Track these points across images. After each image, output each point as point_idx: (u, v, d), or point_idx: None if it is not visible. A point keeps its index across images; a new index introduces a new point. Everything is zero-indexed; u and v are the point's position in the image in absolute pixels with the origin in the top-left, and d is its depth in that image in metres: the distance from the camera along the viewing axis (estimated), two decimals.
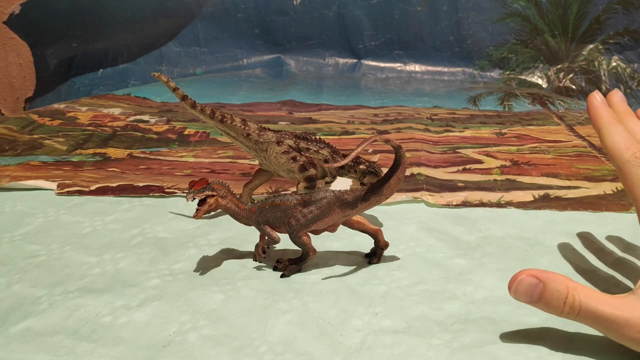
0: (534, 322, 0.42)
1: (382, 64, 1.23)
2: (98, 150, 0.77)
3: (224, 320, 0.42)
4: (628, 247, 0.53)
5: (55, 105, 0.99)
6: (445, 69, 1.21)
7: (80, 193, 0.64)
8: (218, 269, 0.49)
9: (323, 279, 0.47)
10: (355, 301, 0.44)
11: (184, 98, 0.52)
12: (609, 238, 0.54)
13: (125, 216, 0.58)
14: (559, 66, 1.18)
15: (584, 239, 0.54)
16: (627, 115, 0.45)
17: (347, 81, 1.16)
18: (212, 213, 0.57)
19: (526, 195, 0.63)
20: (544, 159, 0.74)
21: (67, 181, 0.66)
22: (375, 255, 0.50)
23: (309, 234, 0.48)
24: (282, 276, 0.48)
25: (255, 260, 0.50)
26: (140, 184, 0.66)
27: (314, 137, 0.56)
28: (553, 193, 0.64)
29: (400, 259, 0.50)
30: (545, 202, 0.61)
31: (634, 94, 1.12)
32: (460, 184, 0.66)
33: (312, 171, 0.55)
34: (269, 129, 0.55)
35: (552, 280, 0.38)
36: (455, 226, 0.56)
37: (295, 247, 0.48)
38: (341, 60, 1.24)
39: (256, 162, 0.64)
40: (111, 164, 0.72)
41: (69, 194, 0.63)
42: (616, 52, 1.16)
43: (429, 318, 0.42)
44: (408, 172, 0.68)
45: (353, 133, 0.85)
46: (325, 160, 0.56)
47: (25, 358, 0.39)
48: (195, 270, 0.49)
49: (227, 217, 0.52)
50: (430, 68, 1.21)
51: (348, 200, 0.46)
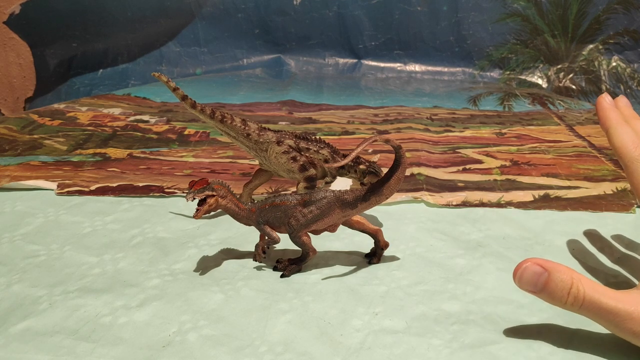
0: (534, 322, 0.42)
1: (382, 64, 1.23)
2: (98, 150, 0.77)
3: (224, 320, 0.42)
4: (628, 247, 0.53)
5: (55, 105, 0.99)
6: (445, 69, 1.21)
7: (80, 193, 0.64)
8: (218, 269, 0.49)
9: (323, 279, 0.47)
10: (355, 301, 0.44)
11: (184, 98, 0.52)
12: (609, 238, 0.54)
13: (125, 216, 0.58)
14: (559, 66, 1.18)
15: (584, 239, 0.54)
16: (634, 119, 0.47)
17: (347, 81, 1.16)
18: (212, 213, 0.57)
19: (526, 195, 0.63)
20: (544, 159, 0.74)
21: (67, 181, 0.66)
22: (375, 255, 0.50)
23: (309, 234, 0.48)
24: (282, 276, 0.48)
25: (255, 260, 0.50)
26: (140, 184, 0.66)
27: (314, 137, 0.56)
28: (553, 193, 0.64)
29: (400, 259, 0.50)
30: (545, 202, 0.61)
31: (634, 94, 1.12)
32: (460, 184, 0.66)
33: (312, 171, 0.55)
34: (269, 129, 0.55)
35: (557, 270, 0.38)
36: (455, 226, 0.56)
37: (295, 247, 0.48)
38: (341, 60, 1.24)
39: (256, 162, 0.64)
40: (111, 164, 0.72)
41: (69, 194, 0.63)
42: (616, 52, 1.16)
43: (429, 318, 0.42)
44: (408, 172, 0.68)
45: (353, 133, 0.85)
46: (325, 160, 0.56)
47: (25, 358, 0.39)
48: (195, 270, 0.49)
49: (227, 217, 0.52)
50: (430, 68, 1.21)
51: (348, 200, 0.46)
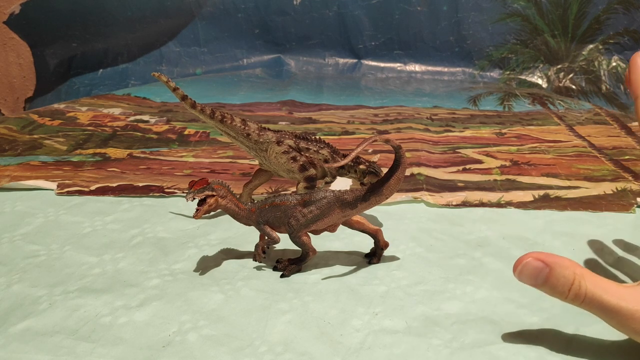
0: (534, 322, 0.42)
1: (382, 64, 1.23)
2: (98, 150, 0.77)
3: (224, 320, 0.42)
4: (628, 247, 0.53)
5: (55, 105, 0.99)
6: (445, 69, 1.21)
7: (80, 193, 0.64)
8: (218, 269, 0.49)
9: (323, 279, 0.47)
10: (355, 301, 0.44)
11: (184, 98, 0.52)
12: (609, 238, 0.54)
13: (125, 216, 0.58)
14: (559, 66, 1.18)
15: (583, 239, 0.54)
16: None
17: (347, 81, 1.16)
18: (212, 213, 0.57)
19: (526, 195, 0.63)
20: (544, 159, 0.74)
21: (67, 181, 0.66)
22: (375, 255, 0.50)
23: (309, 234, 0.48)
24: (282, 276, 0.48)
25: (255, 260, 0.50)
26: (140, 184, 0.66)
27: (314, 137, 0.56)
28: (553, 193, 0.64)
29: (400, 259, 0.50)
30: (545, 202, 0.61)
31: None
32: (460, 184, 0.66)
33: (312, 171, 0.55)
34: (269, 129, 0.55)
35: (559, 265, 0.37)
36: (455, 226, 0.56)
37: (295, 247, 0.48)
38: (341, 60, 1.24)
39: (256, 162, 0.64)
40: (111, 164, 0.72)
41: (69, 194, 0.63)
42: (616, 52, 1.16)
43: (429, 318, 0.42)
44: (408, 172, 0.68)
45: (353, 133, 0.85)
46: (325, 160, 0.56)
47: (25, 358, 0.39)
48: (195, 270, 0.49)
49: (227, 217, 0.52)
50: (430, 68, 1.21)
51: (348, 200, 0.46)
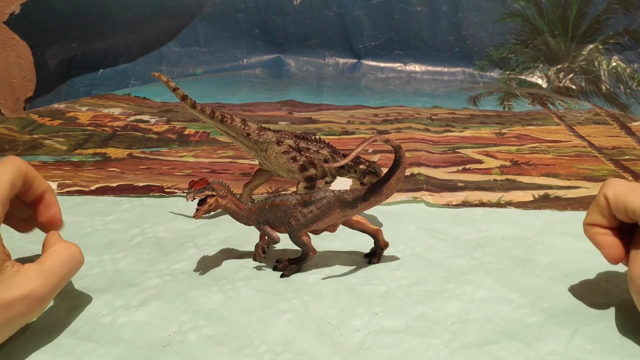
0: (534, 322, 0.42)
1: (382, 64, 1.23)
2: (98, 150, 0.77)
3: (224, 320, 0.42)
4: None
5: (55, 105, 0.99)
6: (445, 69, 1.21)
7: (80, 193, 0.64)
8: (218, 269, 0.49)
9: (323, 279, 0.47)
10: (355, 301, 0.44)
11: (184, 98, 0.52)
12: None
13: (125, 216, 0.58)
14: (559, 66, 1.18)
15: (584, 239, 0.54)
16: None
17: (347, 81, 1.16)
18: (212, 213, 0.57)
19: (526, 195, 0.63)
20: (544, 159, 0.74)
21: (67, 181, 0.66)
22: (375, 255, 0.50)
23: (309, 234, 0.48)
24: (282, 276, 0.48)
25: (255, 260, 0.50)
26: (140, 184, 0.66)
27: (314, 137, 0.56)
28: (553, 193, 0.64)
29: (400, 259, 0.50)
30: (545, 202, 0.61)
31: (634, 94, 1.12)
32: (460, 184, 0.66)
33: (312, 171, 0.55)
34: (268, 129, 0.55)
35: None
36: (455, 226, 0.56)
37: (295, 247, 0.48)
38: (341, 60, 1.24)
39: (256, 162, 0.64)
40: (111, 164, 0.72)
41: (69, 193, 0.63)
42: (616, 52, 1.16)
43: (429, 318, 0.42)
44: (408, 172, 0.69)
45: (353, 133, 0.85)
46: (325, 160, 0.56)
47: (25, 358, 0.39)
48: (195, 270, 0.49)
49: (227, 217, 0.52)
50: (430, 68, 1.21)
51: (348, 200, 0.46)
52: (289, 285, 0.46)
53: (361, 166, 0.56)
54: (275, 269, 0.49)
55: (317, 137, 0.56)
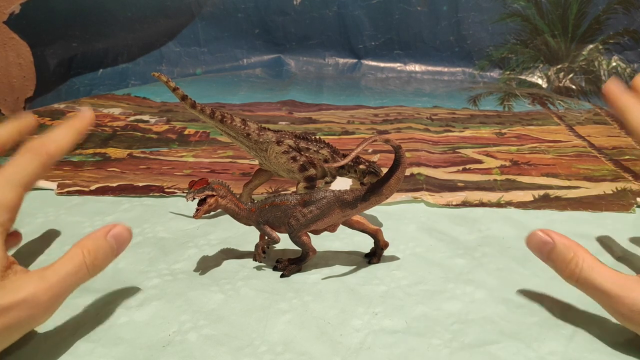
0: (534, 322, 0.42)
1: (382, 64, 1.23)
2: (98, 150, 0.77)
3: (223, 320, 0.42)
4: (628, 247, 0.53)
5: (55, 105, 0.99)
6: (445, 69, 1.21)
7: (80, 193, 0.64)
8: (218, 269, 0.49)
9: (323, 279, 0.47)
10: (355, 301, 0.44)
11: (184, 98, 0.52)
12: (609, 238, 0.54)
13: (125, 216, 0.58)
14: (559, 66, 1.18)
15: (584, 239, 0.54)
16: None
17: (347, 81, 1.16)
18: (212, 213, 0.57)
19: (526, 195, 0.63)
20: (544, 159, 0.74)
21: (67, 181, 0.66)
22: (375, 255, 0.50)
23: (309, 234, 0.48)
24: (282, 276, 0.48)
25: (255, 260, 0.50)
26: (140, 184, 0.66)
27: (313, 137, 0.56)
28: (553, 193, 0.64)
29: (400, 259, 0.50)
30: (545, 202, 0.61)
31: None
32: (460, 184, 0.66)
33: (312, 171, 0.55)
34: (268, 129, 0.55)
35: (562, 244, 0.40)
36: (455, 226, 0.56)
37: (295, 247, 0.48)
38: (341, 60, 1.24)
39: (256, 162, 0.64)
40: (111, 164, 0.72)
41: (69, 194, 0.63)
42: (616, 52, 1.16)
43: (429, 318, 0.42)
44: (408, 172, 0.68)
45: (353, 133, 0.85)
46: (325, 160, 0.56)
47: (25, 358, 0.39)
48: (195, 270, 0.49)
49: (227, 217, 0.52)
50: (430, 68, 1.21)
51: (348, 200, 0.46)
52: (289, 285, 0.46)
53: (361, 166, 0.56)
54: (275, 269, 0.49)
55: (317, 137, 0.56)
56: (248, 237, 0.53)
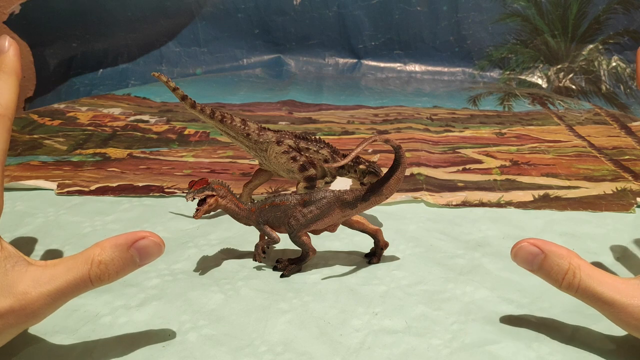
0: (534, 322, 0.42)
1: (382, 64, 1.23)
2: (98, 150, 0.77)
3: (223, 320, 0.42)
4: (628, 247, 0.53)
5: (55, 105, 0.99)
6: (445, 69, 1.21)
7: (80, 193, 0.64)
8: (218, 269, 0.49)
9: (323, 279, 0.47)
10: (355, 301, 0.44)
11: (184, 98, 0.52)
12: (609, 238, 0.54)
13: (125, 216, 0.58)
14: (559, 66, 1.18)
15: (583, 239, 0.54)
16: None
17: (347, 81, 1.16)
18: (212, 213, 0.57)
19: (526, 195, 0.63)
20: (544, 159, 0.74)
21: (67, 181, 0.66)
22: (375, 255, 0.50)
23: (309, 234, 0.48)
24: (282, 276, 0.48)
25: (255, 260, 0.50)
26: (140, 184, 0.66)
27: (313, 137, 0.56)
28: (553, 193, 0.64)
29: (400, 259, 0.50)
30: (545, 202, 0.61)
31: (634, 94, 1.12)
32: (460, 184, 0.66)
33: (312, 171, 0.55)
34: (268, 129, 0.55)
35: (554, 254, 0.37)
36: (455, 226, 0.56)
37: (295, 247, 0.48)
38: (341, 60, 1.24)
39: (256, 162, 0.64)
40: (111, 164, 0.72)
41: (69, 194, 0.63)
42: (616, 52, 1.16)
43: (429, 318, 0.43)
44: (408, 172, 0.69)
45: (353, 133, 0.85)
46: (325, 160, 0.56)
47: (25, 358, 0.39)
48: (195, 270, 0.49)
49: (227, 217, 0.52)
50: (430, 68, 1.21)
51: (348, 200, 0.46)
52: (289, 285, 0.46)
53: (361, 166, 0.56)
54: (275, 269, 0.49)
55: (317, 137, 0.56)
56: (248, 237, 0.53)
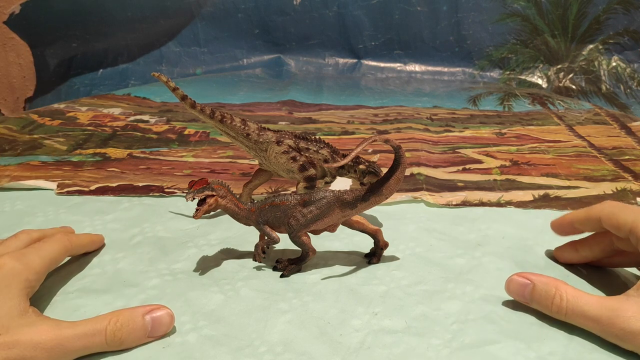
0: (534, 322, 0.42)
1: (382, 64, 1.23)
2: (98, 150, 0.77)
3: (223, 320, 0.42)
4: None
5: (55, 105, 0.99)
6: (445, 69, 1.21)
7: (80, 193, 0.64)
8: (218, 269, 0.49)
9: (323, 279, 0.47)
10: (355, 301, 0.44)
11: (184, 98, 0.52)
12: None
13: (125, 216, 0.58)
14: (559, 66, 1.18)
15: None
16: None
17: (347, 81, 1.16)
18: (212, 213, 0.57)
19: (526, 195, 0.63)
20: (544, 159, 0.74)
21: (67, 181, 0.66)
22: (374, 255, 0.50)
23: (309, 234, 0.48)
24: (282, 276, 0.48)
25: (255, 260, 0.50)
26: (140, 184, 0.66)
27: (313, 137, 0.56)
28: (553, 193, 0.64)
29: (400, 259, 0.50)
30: (545, 202, 0.61)
31: (634, 94, 1.12)
32: (460, 184, 0.66)
33: (312, 171, 0.55)
34: (268, 129, 0.55)
35: (541, 282, 0.42)
36: (455, 226, 0.56)
37: (295, 247, 0.48)
38: (341, 60, 1.24)
39: (256, 162, 0.64)
40: (111, 164, 0.72)
41: (69, 193, 0.63)
42: (616, 52, 1.16)
43: (429, 318, 0.42)
44: (408, 172, 0.69)
45: (353, 133, 0.85)
46: (325, 160, 0.56)
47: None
48: (195, 270, 0.49)
49: (227, 217, 0.52)
50: (430, 68, 1.22)
51: (348, 200, 0.46)
52: (289, 285, 0.46)
53: (361, 166, 0.56)
54: (275, 269, 0.49)
55: (317, 137, 0.56)
56: (248, 237, 0.53)
